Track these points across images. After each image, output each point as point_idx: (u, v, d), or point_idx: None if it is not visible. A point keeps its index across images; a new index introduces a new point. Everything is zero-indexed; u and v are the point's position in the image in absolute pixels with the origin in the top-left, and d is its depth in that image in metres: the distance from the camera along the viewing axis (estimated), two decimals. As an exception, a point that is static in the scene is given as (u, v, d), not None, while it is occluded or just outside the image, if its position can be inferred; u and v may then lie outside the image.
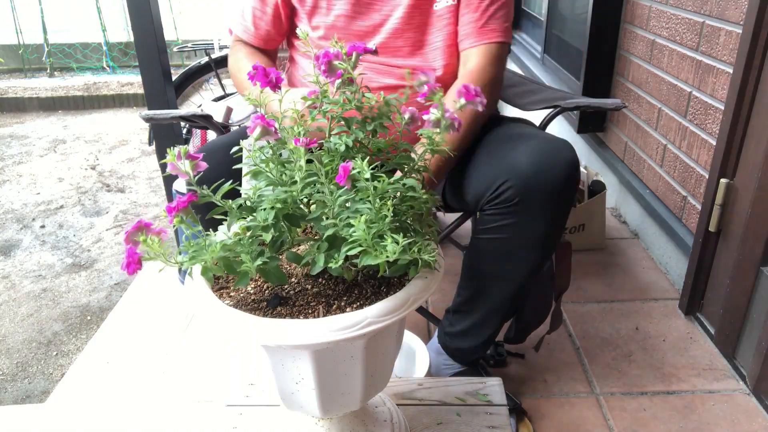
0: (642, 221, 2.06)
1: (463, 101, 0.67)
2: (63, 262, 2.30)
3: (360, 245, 0.55)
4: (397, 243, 0.55)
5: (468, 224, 1.40)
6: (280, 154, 0.66)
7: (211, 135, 2.26)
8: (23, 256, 2.36)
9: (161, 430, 0.90)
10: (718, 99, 1.57)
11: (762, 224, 1.34)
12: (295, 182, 0.62)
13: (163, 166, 2.05)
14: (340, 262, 0.58)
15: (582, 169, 2.02)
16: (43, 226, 2.63)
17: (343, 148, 0.65)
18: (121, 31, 5.62)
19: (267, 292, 0.65)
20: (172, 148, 0.64)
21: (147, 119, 1.36)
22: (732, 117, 1.42)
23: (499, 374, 1.37)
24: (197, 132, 2.33)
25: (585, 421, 1.32)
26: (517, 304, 1.26)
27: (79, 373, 1.51)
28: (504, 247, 1.11)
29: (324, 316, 0.59)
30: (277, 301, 0.62)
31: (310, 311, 0.61)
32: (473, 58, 1.13)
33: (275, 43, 1.30)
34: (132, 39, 4.69)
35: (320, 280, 0.67)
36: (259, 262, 0.57)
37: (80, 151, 3.66)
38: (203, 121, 1.34)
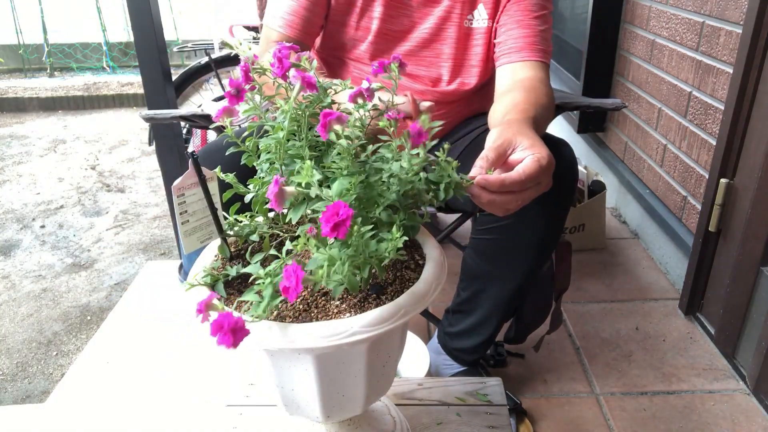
0: (642, 221, 2.06)
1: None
2: (63, 262, 2.30)
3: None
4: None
5: (468, 224, 1.40)
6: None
7: (212, 135, 2.26)
8: (23, 256, 2.36)
9: (161, 430, 0.90)
10: (718, 99, 1.57)
11: (762, 224, 1.34)
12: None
13: (164, 166, 2.03)
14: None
15: (582, 169, 2.02)
16: (43, 226, 2.63)
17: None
18: (121, 31, 5.61)
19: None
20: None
21: (147, 119, 1.36)
22: (732, 117, 1.42)
23: (499, 374, 1.37)
24: (197, 132, 2.34)
25: (585, 421, 1.32)
26: (516, 304, 1.26)
27: (79, 373, 1.51)
28: (503, 247, 1.11)
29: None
30: (379, 288, 0.63)
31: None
32: (529, 71, 1.06)
33: (314, 37, 1.19)
34: (132, 39, 4.69)
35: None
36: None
37: (80, 151, 3.66)
38: (203, 121, 1.34)
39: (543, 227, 1.07)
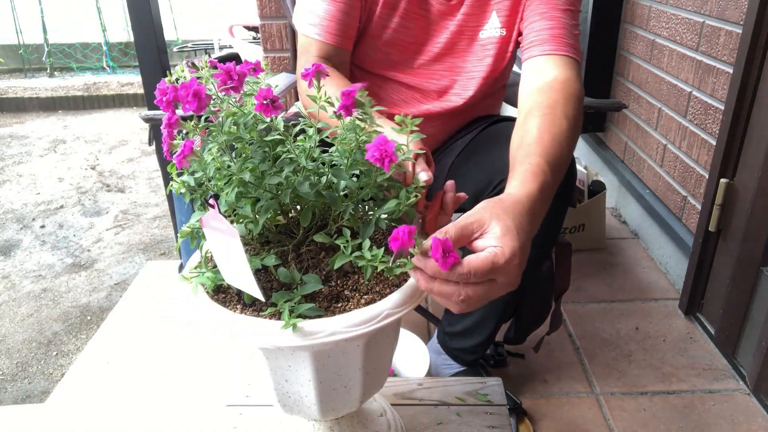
0: (642, 221, 2.06)
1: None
2: (63, 262, 2.30)
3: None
4: None
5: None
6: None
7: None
8: (23, 256, 2.36)
9: (161, 430, 0.90)
10: (718, 99, 1.57)
11: (762, 224, 1.34)
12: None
13: (163, 166, 2.02)
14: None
15: (582, 169, 2.02)
16: (43, 226, 2.63)
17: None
18: (121, 31, 5.62)
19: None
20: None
21: (147, 119, 1.36)
22: (732, 117, 1.42)
23: (499, 374, 1.37)
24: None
25: (585, 421, 1.32)
26: (515, 304, 1.26)
27: (79, 373, 1.51)
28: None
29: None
30: None
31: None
32: (555, 69, 0.94)
33: (352, 41, 1.10)
34: (132, 39, 4.70)
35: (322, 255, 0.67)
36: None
37: (80, 151, 3.66)
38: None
39: (541, 226, 1.06)
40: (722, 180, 1.48)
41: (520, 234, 0.60)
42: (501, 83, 1.21)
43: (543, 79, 0.93)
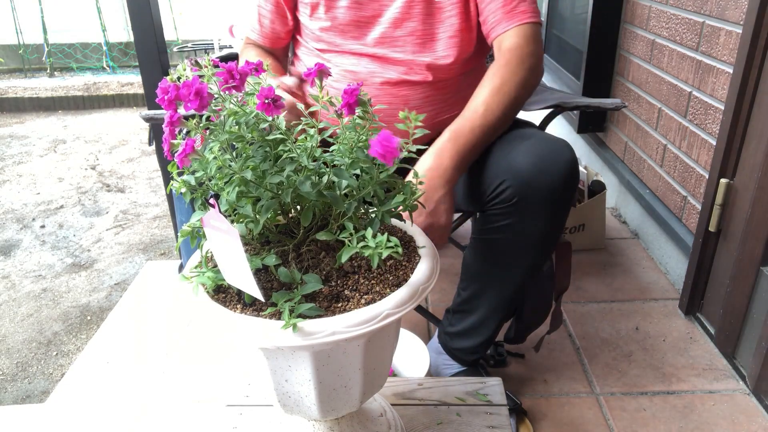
0: (642, 221, 2.06)
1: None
2: (63, 262, 2.30)
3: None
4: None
5: (468, 224, 1.40)
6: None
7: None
8: (23, 256, 2.36)
9: (161, 430, 0.90)
10: (718, 99, 1.57)
11: (762, 224, 1.34)
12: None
13: (163, 166, 2.02)
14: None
15: (582, 169, 2.02)
16: (43, 226, 2.63)
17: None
18: (121, 31, 5.62)
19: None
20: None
21: (147, 119, 1.36)
22: (732, 117, 1.42)
23: (499, 374, 1.37)
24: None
25: (585, 421, 1.32)
26: (516, 304, 1.26)
27: (79, 373, 1.51)
28: (503, 246, 1.11)
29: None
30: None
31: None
32: (508, 40, 1.08)
33: (283, 42, 1.29)
34: (132, 39, 4.70)
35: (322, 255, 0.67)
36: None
37: (80, 151, 3.66)
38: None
39: (543, 227, 1.06)
40: (722, 180, 1.48)
41: (427, 185, 0.95)
42: (485, 44, 1.21)
43: (501, 50, 1.08)
